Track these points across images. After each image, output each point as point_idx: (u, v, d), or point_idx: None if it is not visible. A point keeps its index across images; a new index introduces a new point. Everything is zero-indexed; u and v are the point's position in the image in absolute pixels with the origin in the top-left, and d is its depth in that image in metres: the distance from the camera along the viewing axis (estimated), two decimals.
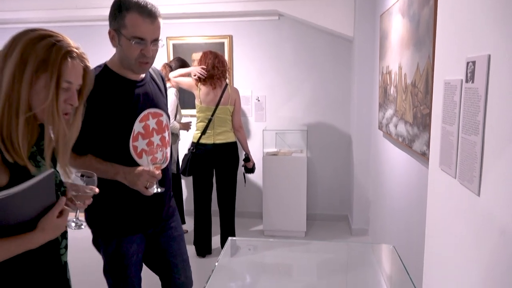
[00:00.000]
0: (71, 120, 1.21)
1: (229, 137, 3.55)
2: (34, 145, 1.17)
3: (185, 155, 3.58)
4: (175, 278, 1.95)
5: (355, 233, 4.17)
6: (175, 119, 3.75)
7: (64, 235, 1.26)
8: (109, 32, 1.64)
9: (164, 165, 1.76)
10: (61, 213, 1.15)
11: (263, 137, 4.25)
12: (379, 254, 2.04)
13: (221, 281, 1.76)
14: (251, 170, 3.77)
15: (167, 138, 1.83)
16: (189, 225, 4.16)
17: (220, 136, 3.52)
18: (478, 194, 1.03)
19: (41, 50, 1.09)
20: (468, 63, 1.10)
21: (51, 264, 1.24)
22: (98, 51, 2.38)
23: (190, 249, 3.72)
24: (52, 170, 1.13)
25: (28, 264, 1.16)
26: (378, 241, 3.51)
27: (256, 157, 4.08)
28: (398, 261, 1.68)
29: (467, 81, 1.11)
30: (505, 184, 0.90)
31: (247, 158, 3.71)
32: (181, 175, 3.77)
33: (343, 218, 4.57)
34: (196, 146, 3.51)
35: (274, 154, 4.18)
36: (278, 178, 4.05)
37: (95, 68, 1.70)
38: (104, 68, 1.70)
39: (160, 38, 1.66)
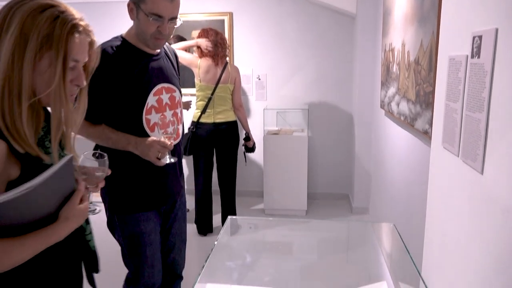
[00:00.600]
0: (77, 101, 1.10)
1: (229, 116, 3.53)
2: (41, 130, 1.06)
3: (185, 134, 3.57)
4: (170, 257, 1.97)
5: (355, 212, 4.19)
6: None
7: (87, 220, 1.18)
8: (128, 5, 1.64)
9: (176, 141, 1.76)
10: (81, 199, 1.06)
11: (264, 116, 4.22)
12: (380, 232, 2.04)
13: (220, 259, 1.76)
14: (251, 149, 3.76)
15: (179, 114, 1.84)
16: (190, 204, 4.18)
17: (220, 115, 3.49)
18: (482, 173, 1.01)
19: (44, 24, 0.95)
20: (474, 37, 1.07)
21: (82, 252, 1.19)
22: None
23: (192, 228, 3.75)
24: (71, 155, 1.04)
25: (60, 255, 1.10)
26: (379, 220, 3.52)
27: (257, 136, 4.06)
28: (399, 240, 1.68)
29: (472, 57, 1.08)
30: (509, 162, 0.88)
31: (248, 137, 3.70)
32: None
33: (343, 196, 4.58)
34: (196, 125, 3.49)
35: (275, 133, 4.16)
36: (279, 157, 4.05)
37: (112, 40, 1.72)
38: (123, 41, 1.71)
39: (178, 16, 1.66)
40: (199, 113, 3.48)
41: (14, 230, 0.94)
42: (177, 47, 3.53)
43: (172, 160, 1.70)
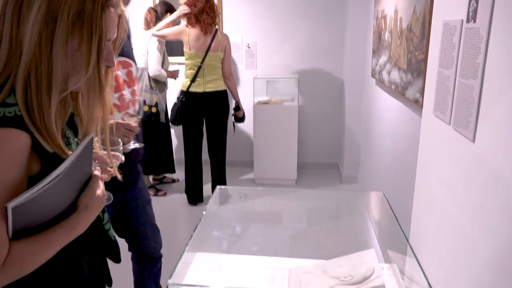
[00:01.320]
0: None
1: (219, 85, 3.47)
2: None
3: (174, 103, 3.51)
4: (143, 244, 1.92)
5: (345, 181, 4.22)
6: (162, 67, 3.63)
7: (103, 208, 1.04)
8: None
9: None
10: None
11: (254, 85, 4.17)
12: (369, 201, 2.05)
13: (209, 229, 1.76)
14: (241, 119, 3.73)
15: (137, 91, 1.69)
16: (180, 174, 4.17)
17: (210, 84, 3.43)
18: (473, 141, 0.99)
19: None
20: (470, 1, 1.03)
21: (103, 243, 1.08)
22: None
23: (182, 197, 3.76)
24: (92, 135, 0.91)
25: (80, 248, 0.99)
26: (368, 189, 3.55)
27: (247, 106, 4.02)
28: (388, 208, 1.69)
29: (468, 21, 1.04)
30: (502, 130, 0.87)
31: (237, 107, 3.66)
32: (170, 124, 3.72)
33: (333, 166, 4.60)
34: (186, 95, 3.43)
35: (265, 102, 4.12)
36: (269, 127, 4.03)
37: None
38: None
39: None
40: (189, 82, 3.42)
41: (37, 227, 0.84)
42: (160, 26, 3.40)
43: (138, 146, 1.55)
